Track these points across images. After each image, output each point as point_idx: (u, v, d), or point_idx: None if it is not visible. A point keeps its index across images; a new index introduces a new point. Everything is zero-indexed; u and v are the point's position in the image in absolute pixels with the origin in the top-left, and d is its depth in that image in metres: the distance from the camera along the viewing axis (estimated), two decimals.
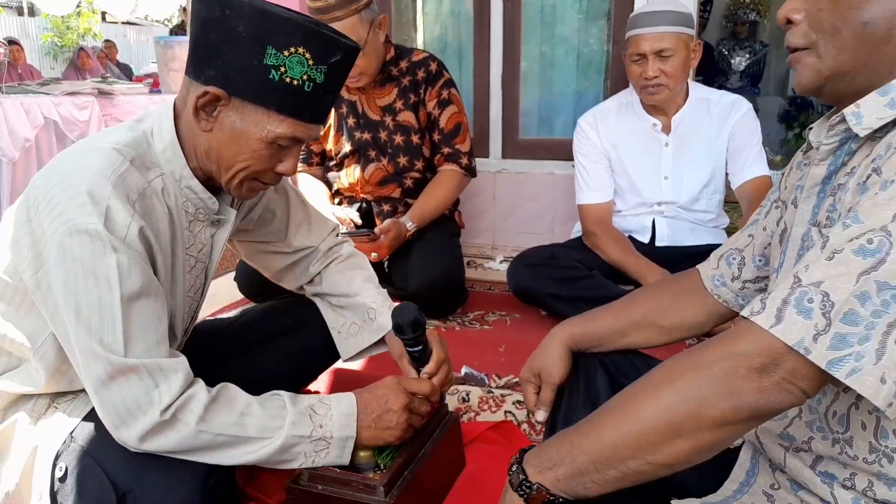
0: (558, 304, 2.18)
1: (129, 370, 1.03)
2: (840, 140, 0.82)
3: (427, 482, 1.24)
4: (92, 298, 1.02)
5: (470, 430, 1.51)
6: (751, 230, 1.07)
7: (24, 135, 2.85)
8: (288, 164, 1.15)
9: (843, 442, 0.78)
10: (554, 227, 2.99)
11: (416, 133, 2.39)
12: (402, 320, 1.22)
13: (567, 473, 0.78)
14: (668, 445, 0.73)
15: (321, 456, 1.14)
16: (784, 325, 0.68)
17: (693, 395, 0.71)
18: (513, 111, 3.08)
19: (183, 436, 1.05)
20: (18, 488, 1.13)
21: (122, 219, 1.04)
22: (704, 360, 0.72)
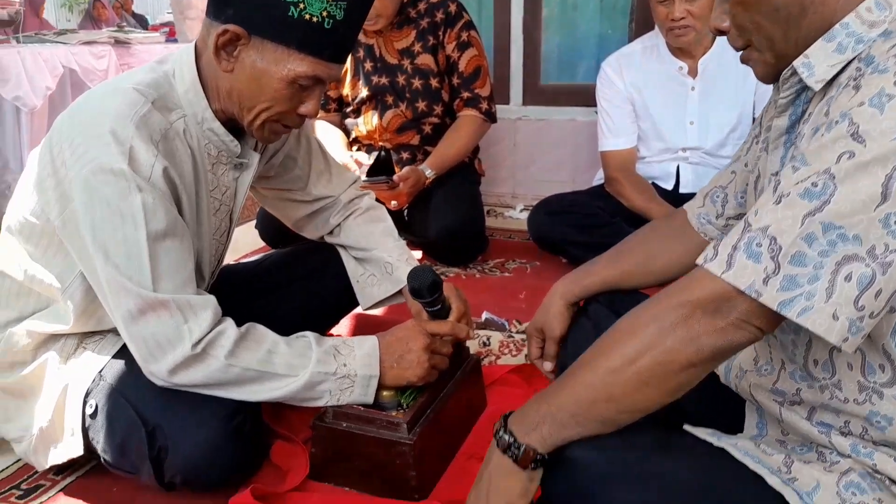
0: (579, 252, 2.16)
1: (159, 305, 1.05)
2: (796, 91, 0.82)
3: (449, 421, 1.25)
4: (119, 237, 1.03)
5: (491, 373, 1.52)
6: (734, 167, 1.07)
7: (44, 84, 2.84)
8: (310, 105, 1.14)
9: (833, 387, 0.78)
10: (576, 175, 2.96)
11: (435, 77, 2.35)
12: (419, 284, 1.22)
13: (551, 431, 0.80)
14: (637, 393, 0.77)
15: (346, 394, 1.15)
16: (735, 270, 0.70)
17: (655, 345, 0.74)
18: (534, 56, 3.02)
19: (212, 369, 1.07)
20: (51, 424, 1.16)
21: (146, 159, 1.04)
22: (662, 310, 0.75)
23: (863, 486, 0.75)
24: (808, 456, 0.82)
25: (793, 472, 0.78)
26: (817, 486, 0.76)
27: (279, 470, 1.24)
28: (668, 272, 1.15)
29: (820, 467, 0.78)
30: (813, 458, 0.81)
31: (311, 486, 1.20)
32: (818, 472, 0.77)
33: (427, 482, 1.17)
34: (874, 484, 0.75)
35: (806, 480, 0.76)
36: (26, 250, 1.16)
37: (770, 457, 0.81)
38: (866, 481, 0.75)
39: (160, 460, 1.11)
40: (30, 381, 1.20)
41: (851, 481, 0.76)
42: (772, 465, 0.79)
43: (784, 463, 0.80)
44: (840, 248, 0.66)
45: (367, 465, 1.17)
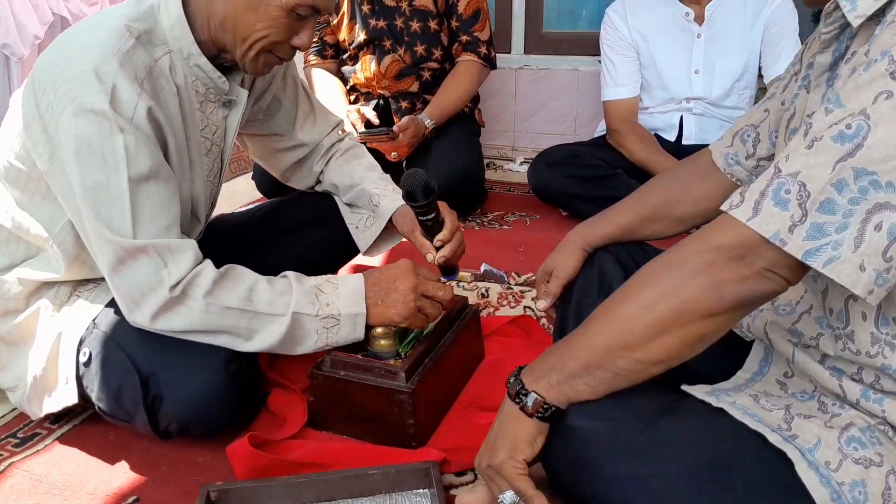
0: (580, 204, 2.14)
1: (138, 251, 1.03)
2: (840, 26, 0.78)
3: (446, 370, 1.25)
4: (100, 179, 1.01)
5: (489, 324, 1.51)
6: (767, 104, 1.02)
7: (33, 31, 2.78)
8: (303, 36, 1.12)
9: (846, 337, 0.76)
10: (577, 127, 2.91)
11: (434, 18, 2.29)
12: (412, 186, 1.18)
13: (559, 379, 0.79)
14: (654, 342, 0.73)
15: (333, 332, 1.13)
16: (761, 218, 0.67)
17: (675, 291, 0.72)
18: (537, 2, 2.94)
19: (193, 312, 1.05)
20: (45, 373, 1.15)
21: (129, 98, 1.01)
22: (684, 256, 0.73)
23: (863, 441, 0.74)
24: (808, 405, 0.80)
25: (793, 428, 0.77)
26: (818, 443, 0.75)
27: (277, 418, 1.24)
28: (691, 218, 1.12)
29: (820, 422, 0.77)
30: (814, 408, 0.80)
31: (309, 434, 1.20)
32: (818, 428, 0.76)
33: (424, 430, 1.17)
34: (874, 438, 0.74)
35: (807, 437, 0.75)
36: (13, 196, 1.13)
37: (769, 413, 0.79)
38: (866, 435, 0.74)
39: (155, 409, 1.10)
40: (23, 329, 1.18)
41: (852, 436, 0.75)
42: (771, 422, 0.78)
43: (784, 419, 0.78)
44: (871, 195, 0.63)
45: (364, 413, 1.16)
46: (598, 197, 2.04)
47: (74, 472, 1.14)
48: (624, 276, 1.09)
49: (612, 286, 1.08)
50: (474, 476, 1.11)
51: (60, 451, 1.19)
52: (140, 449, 1.18)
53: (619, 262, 1.12)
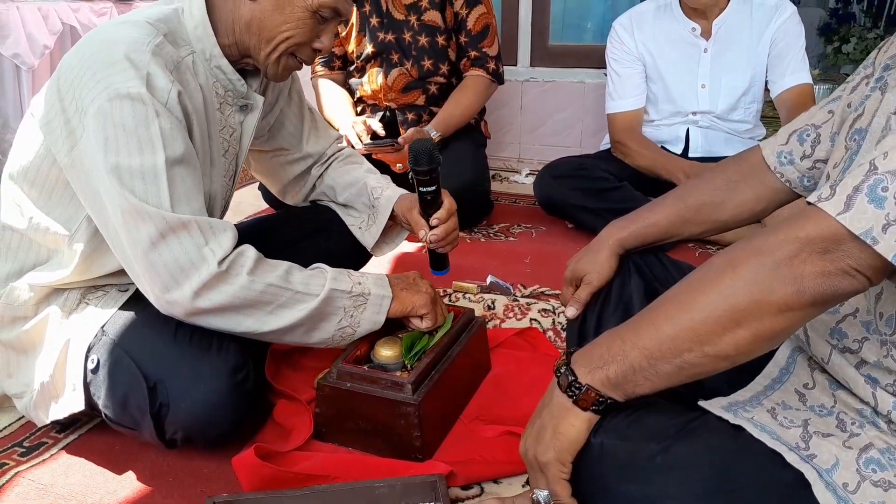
0: (586, 216, 2.14)
1: (181, 226, 1.04)
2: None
3: (453, 382, 1.24)
4: (135, 163, 1.02)
5: (496, 336, 1.51)
6: (831, 106, 0.98)
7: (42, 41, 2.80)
8: (325, 40, 1.17)
9: (891, 344, 0.74)
10: (583, 139, 2.92)
11: (442, 34, 2.30)
12: (417, 149, 1.22)
13: (619, 371, 0.74)
14: (728, 334, 0.69)
15: (358, 312, 1.17)
16: (853, 213, 0.63)
17: (754, 280, 0.67)
18: (543, 16, 2.95)
19: (236, 287, 1.07)
20: (53, 379, 1.15)
21: (164, 84, 1.03)
22: (767, 245, 0.68)
23: (882, 463, 0.73)
24: (826, 421, 0.79)
25: (811, 447, 0.75)
26: (836, 463, 0.73)
27: (283, 429, 1.24)
28: (733, 222, 1.07)
29: (838, 441, 0.75)
30: (832, 425, 0.78)
31: (314, 446, 1.20)
32: (836, 449, 0.74)
33: (431, 443, 1.17)
34: (893, 460, 0.73)
35: (825, 457, 0.74)
36: (30, 197, 1.14)
37: (787, 430, 0.78)
38: (885, 457, 0.73)
39: (161, 417, 1.10)
40: (31, 336, 1.18)
41: (871, 457, 0.73)
42: (789, 440, 0.76)
43: (802, 437, 0.77)
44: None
45: (370, 426, 1.16)
46: (603, 209, 2.04)
47: (80, 481, 1.14)
48: (645, 289, 1.07)
49: (631, 299, 1.07)
50: (480, 490, 1.11)
51: (66, 460, 1.19)
52: (146, 459, 1.18)
53: (641, 274, 1.10)
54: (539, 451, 0.81)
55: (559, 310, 1.69)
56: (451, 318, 1.33)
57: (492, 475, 1.13)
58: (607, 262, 1.09)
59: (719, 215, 1.07)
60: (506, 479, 1.13)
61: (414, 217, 1.33)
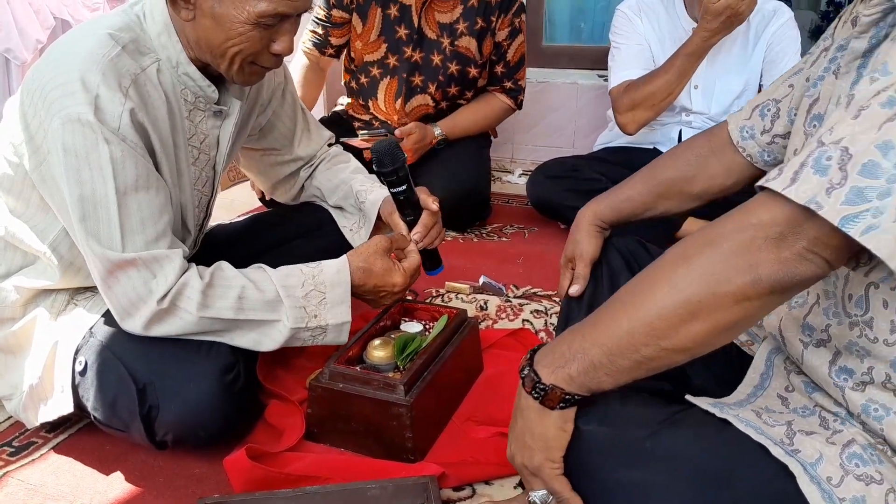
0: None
1: (126, 264, 1.04)
2: (883, 10, 0.74)
3: (445, 383, 1.24)
4: (87, 191, 1.01)
5: (488, 337, 1.51)
6: (792, 80, 0.98)
7: (35, 36, 2.78)
8: (282, 43, 1.11)
9: (863, 324, 0.74)
10: (576, 140, 2.92)
11: (476, 67, 2.18)
12: (379, 149, 1.21)
13: (580, 369, 0.74)
14: (683, 328, 0.68)
15: (318, 339, 1.17)
16: (797, 185, 0.62)
17: (708, 272, 0.66)
18: (536, 16, 2.95)
19: (185, 322, 1.08)
20: (41, 381, 1.15)
21: (114, 108, 1.01)
22: (719, 234, 0.67)
23: (864, 458, 0.73)
24: (809, 421, 0.80)
25: (795, 443, 0.76)
26: (820, 458, 0.74)
27: (275, 430, 1.24)
28: (706, 195, 1.07)
29: (822, 438, 0.76)
30: (815, 424, 0.79)
31: (306, 447, 1.19)
32: (820, 444, 0.75)
33: (423, 444, 1.17)
34: (875, 456, 0.74)
35: (808, 452, 0.75)
36: (7, 205, 1.13)
37: (772, 428, 0.78)
38: (867, 453, 0.74)
39: (151, 418, 1.10)
40: (19, 337, 1.18)
41: (854, 452, 0.74)
42: (774, 436, 0.77)
43: (786, 434, 0.78)
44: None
45: (363, 426, 1.16)
46: None
47: (70, 482, 1.13)
48: (628, 269, 1.08)
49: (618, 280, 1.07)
50: (472, 491, 1.11)
51: (56, 460, 1.18)
52: (136, 460, 1.18)
53: (621, 255, 1.10)
54: (526, 458, 0.81)
55: (551, 311, 1.69)
56: (445, 320, 1.32)
57: (484, 476, 1.13)
58: (590, 237, 1.10)
59: (691, 188, 1.07)
60: (497, 481, 1.13)
61: (394, 221, 1.32)
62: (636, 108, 2.07)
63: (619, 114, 2.10)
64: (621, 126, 2.12)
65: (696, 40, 1.95)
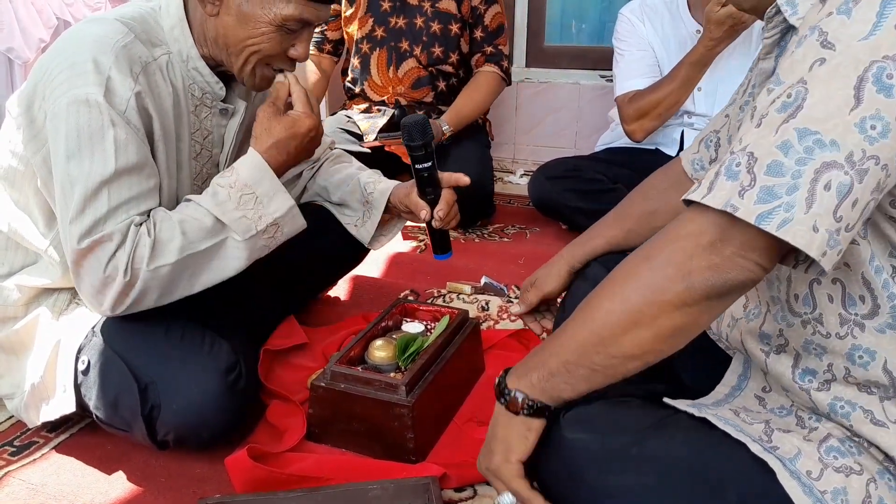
0: (580, 218, 2.14)
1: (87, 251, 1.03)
2: (781, 31, 0.78)
3: (447, 384, 1.24)
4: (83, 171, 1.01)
5: (490, 338, 1.51)
6: (728, 110, 1.04)
7: (37, 35, 2.78)
8: (300, 48, 1.13)
9: (815, 321, 0.77)
10: (577, 140, 2.92)
11: (457, 22, 2.28)
12: (410, 123, 1.21)
13: (540, 377, 0.79)
14: (628, 336, 0.72)
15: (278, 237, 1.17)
16: (713, 192, 0.67)
17: (646, 283, 0.71)
18: (538, 16, 2.95)
19: (146, 282, 1.06)
20: (43, 380, 1.15)
21: (123, 91, 1.02)
22: (655, 249, 0.72)
23: (842, 450, 0.75)
24: (786, 420, 0.81)
25: (773, 440, 0.78)
26: (798, 453, 0.76)
27: (276, 430, 1.24)
28: None
29: (799, 436, 0.78)
30: (792, 423, 0.81)
31: (307, 447, 1.19)
32: (798, 441, 0.77)
33: (424, 445, 1.17)
34: (853, 448, 0.76)
35: (787, 448, 0.76)
36: (11, 197, 1.14)
37: (750, 426, 0.80)
38: (845, 445, 0.76)
39: (153, 418, 1.10)
40: (21, 336, 1.18)
41: (831, 446, 0.76)
42: (752, 433, 0.78)
43: (764, 432, 0.79)
44: (818, 154, 0.62)
45: (364, 427, 1.16)
46: (597, 211, 2.01)
47: (71, 481, 1.13)
48: None
49: None
50: (474, 492, 1.11)
51: (57, 460, 1.18)
52: (138, 460, 1.18)
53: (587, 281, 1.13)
54: (488, 461, 0.85)
55: None
56: (447, 320, 1.32)
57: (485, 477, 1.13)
58: (557, 274, 1.18)
59: (657, 222, 1.11)
60: None
61: (413, 200, 1.31)
62: (643, 118, 2.09)
63: (627, 123, 2.12)
64: (629, 134, 2.13)
65: (700, 49, 1.96)
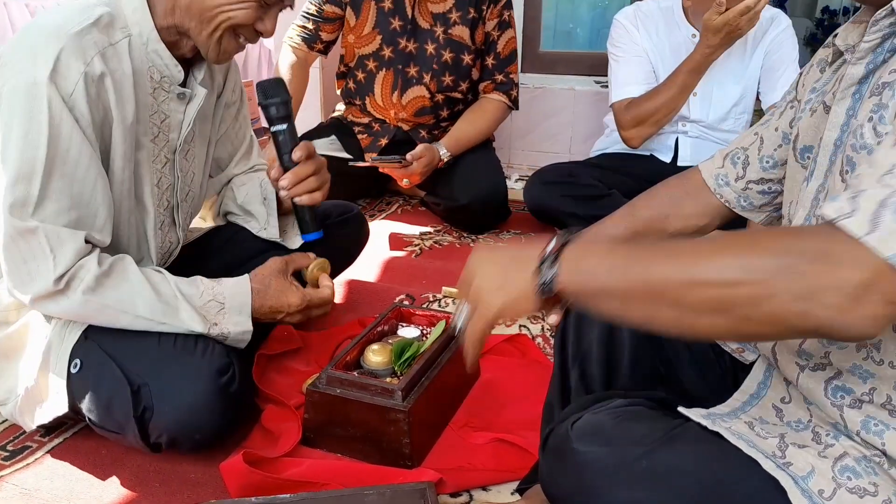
0: (575, 223, 2.12)
1: (27, 232, 1.03)
2: (883, 36, 0.76)
3: (442, 389, 1.24)
4: (18, 152, 1.01)
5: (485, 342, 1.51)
6: (759, 129, 1.04)
7: None
8: (268, 23, 1.15)
9: (871, 346, 0.74)
10: (572, 146, 2.93)
11: (469, 53, 2.23)
12: (265, 82, 1.23)
13: (596, 289, 0.70)
14: (708, 316, 0.64)
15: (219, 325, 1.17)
16: (880, 233, 0.57)
17: (765, 279, 0.61)
18: (534, 22, 2.96)
19: (71, 303, 1.08)
20: (37, 384, 1.14)
21: (71, 75, 1.02)
22: (797, 248, 0.62)
23: (857, 471, 0.73)
24: (802, 435, 0.80)
25: (787, 456, 0.76)
26: (812, 471, 0.74)
27: (271, 435, 1.23)
28: (682, 232, 1.10)
29: (814, 452, 0.76)
30: (808, 438, 0.79)
31: (303, 452, 1.19)
32: (812, 458, 0.75)
33: (420, 450, 1.17)
34: (869, 468, 0.74)
35: (800, 465, 0.75)
36: None
37: (764, 440, 0.79)
38: (861, 465, 0.74)
39: (145, 420, 1.09)
40: (14, 340, 1.17)
41: (846, 465, 0.74)
42: (766, 449, 0.77)
43: (778, 447, 0.78)
44: None
45: (360, 432, 1.16)
46: (593, 216, 1.99)
47: (64, 486, 1.13)
48: None
49: None
50: (470, 497, 1.11)
51: (51, 464, 1.17)
52: (132, 464, 1.17)
53: None
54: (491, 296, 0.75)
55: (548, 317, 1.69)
56: (442, 325, 1.32)
57: (481, 482, 1.13)
58: None
59: (666, 227, 1.11)
60: (495, 487, 1.13)
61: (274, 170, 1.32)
62: (641, 125, 2.10)
63: (624, 130, 2.13)
64: (626, 140, 2.14)
65: (697, 57, 1.98)
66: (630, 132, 2.12)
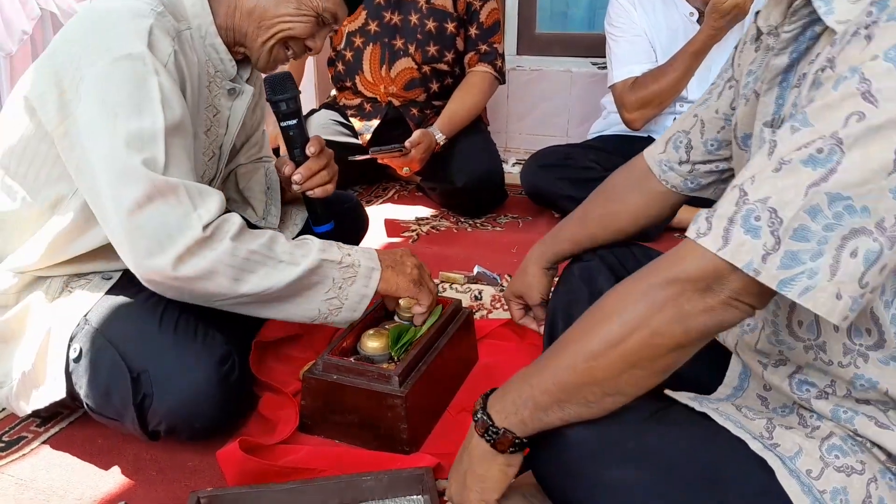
0: (572, 206, 2.08)
1: (169, 189, 1.01)
2: (804, 25, 0.74)
3: (440, 374, 1.24)
4: (133, 125, 1.01)
5: (483, 327, 1.50)
6: (697, 110, 1.03)
7: (21, 27, 2.74)
8: (318, 41, 1.22)
9: (817, 348, 0.76)
10: (569, 128, 2.91)
11: (453, 21, 2.25)
12: (272, 77, 1.24)
13: (532, 415, 0.77)
14: (624, 376, 0.72)
15: (347, 283, 1.14)
16: (731, 247, 0.64)
17: (642, 325, 0.70)
18: (530, 4, 2.93)
19: (218, 252, 1.03)
20: (34, 368, 1.13)
21: (164, 47, 1.05)
22: (649, 287, 0.70)
23: (845, 449, 0.74)
24: (789, 419, 0.80)
25: (774, 437, 0.77)
26: (799, 451, 0.74)
27: (268, 422, 1.23)
28: (630, 227, 1.13)
29: (801, 433, 0.77)
30: (794, 421, 0.80)
31: (300, 439, 1.19)
32: (800, 438, 0.76)
33: (418, 435, 1.16)
34: (856, 446, 0.74)
35: (788, 446, 0.75)
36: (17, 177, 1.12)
37: (752, 422, 0.79)
38: (847, 444, 0.74)
39: (144, 408, 1.09)
40: (12, 324, 1.16)
41: (833, 444, 0.74)
42: (753, 430, 0.78)
43: (766, 428, 0.78)
44: (847, 221, 0.60)
45: (357, 418, 1.15)
46: None
47: (61, 476, 1.12)
48: (611, 277, 1.09)
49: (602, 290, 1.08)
50: None
51: (47, 454, 1.17)
52: (129, 453, 1.17)
53: (605, 264, 1.12)
54: (462, 496, 0.85)
55: None
56: (440, 310, 1.32)
57: None
58: (536, 276, 1.22)
59: (618, 224, 1.14)
60: None
61: (281, 160, 1.33)
62: (645, 107, 2.09)
63: (628, 111, 2.11)
64: (628, 122, 2.12)
65: (701, 38, 1.97)
66: (634, 114, 2.10)
